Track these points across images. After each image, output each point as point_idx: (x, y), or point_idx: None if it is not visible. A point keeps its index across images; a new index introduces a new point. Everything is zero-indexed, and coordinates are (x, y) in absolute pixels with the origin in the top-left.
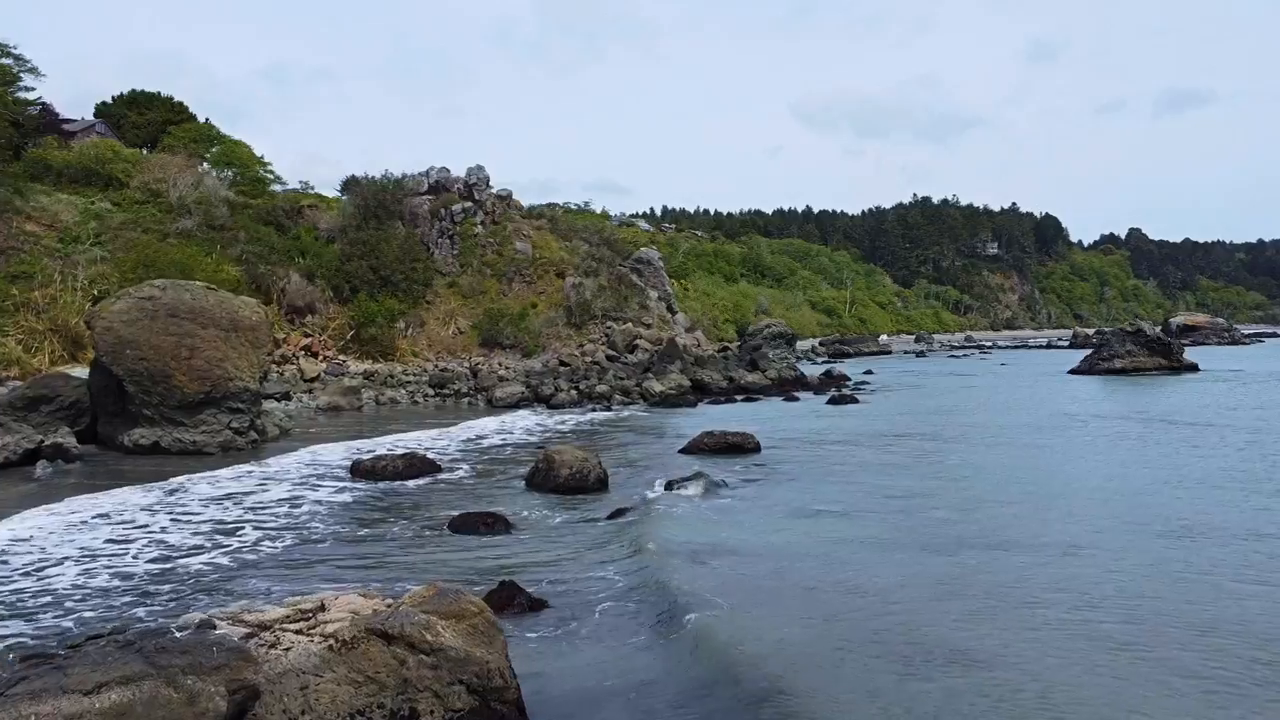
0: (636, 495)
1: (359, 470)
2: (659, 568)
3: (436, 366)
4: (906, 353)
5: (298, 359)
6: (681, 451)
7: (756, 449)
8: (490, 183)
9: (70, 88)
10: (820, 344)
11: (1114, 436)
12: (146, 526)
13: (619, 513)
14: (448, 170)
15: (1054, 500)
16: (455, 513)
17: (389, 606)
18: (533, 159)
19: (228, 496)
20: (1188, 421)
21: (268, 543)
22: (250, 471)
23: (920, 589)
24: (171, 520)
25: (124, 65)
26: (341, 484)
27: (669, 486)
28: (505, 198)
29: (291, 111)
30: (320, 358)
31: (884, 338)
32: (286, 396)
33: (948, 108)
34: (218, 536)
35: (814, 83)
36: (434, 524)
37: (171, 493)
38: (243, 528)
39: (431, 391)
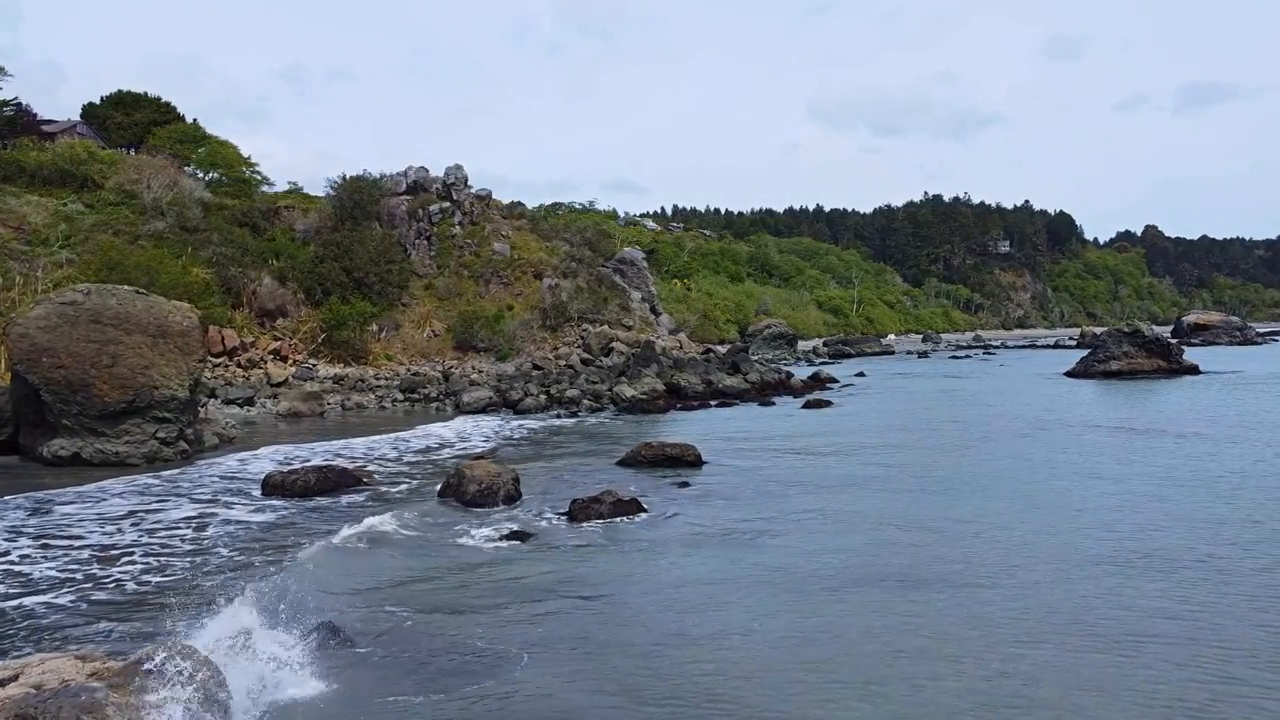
0: (539, 515)
1: (269, 485)
2: (484, 612)
3: (409, 370)
4: (909, 353)
5: (265, 363)
6: (619, 464)
7: (696, 462)
8: (469, 182)
9: (88, 91)
10: (824, 344)
11: (1079, 448)
12: (5, 555)
13: (513, 535)
14: (426, 170)
15: (984, 525)
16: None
17: (92, 675)
18: (551, 158)
19: (127, 516)
20: (1163, 430)
21: (147, 576)
22: (150, 486)
23: (770, 635)
24: (41, 547)
25: (142, 69)
26: (253, 501)
27: (572, 507)
28: (484, 198)
29: (310, 112)
30: (290, 361)
31: (891, 337)
32: (250, 402)
33: (966, 105)
34: (94, 566)
35: (831, 81)
36: (328, 547)
37: (35, 512)
38: (131, 554)
39: (401, 396)
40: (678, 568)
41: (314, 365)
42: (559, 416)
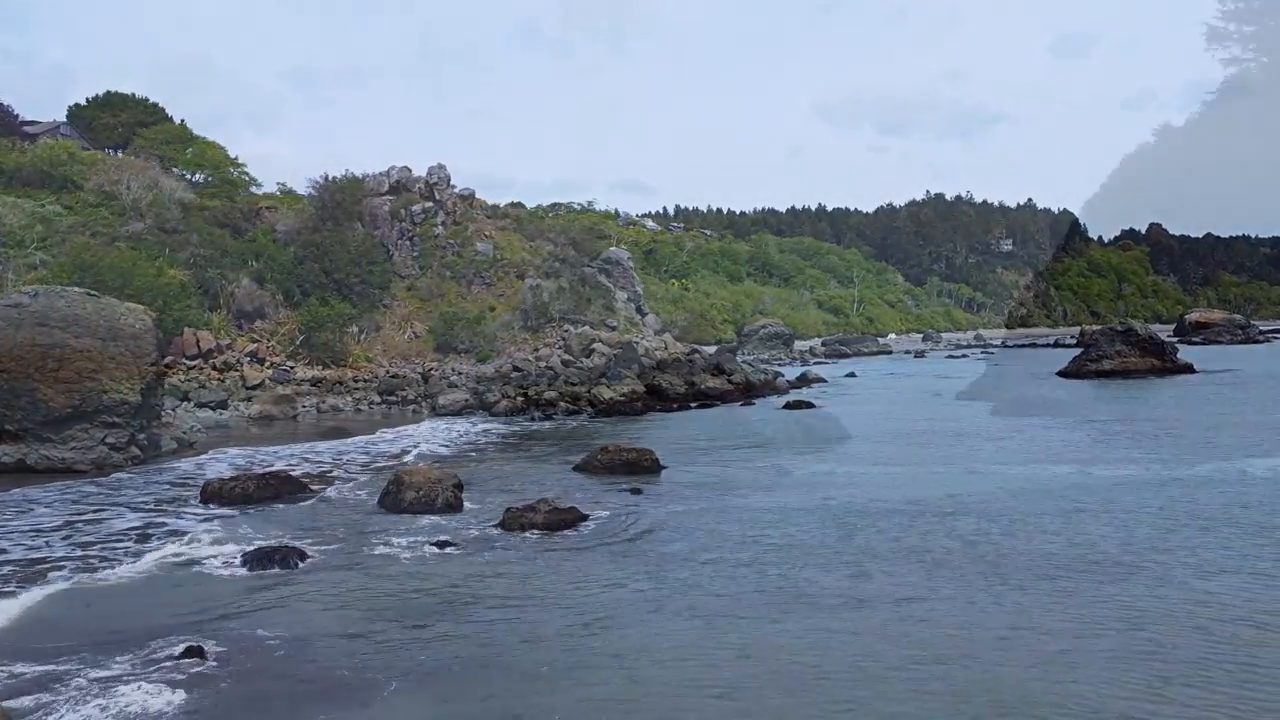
0: (472, 524)
1: (208, 493)
2: (368, 633)
3: (388, 372)
4: (906, 353)
5: (241, 365)
6: (575, 469)
7: (653, 468)
8: (452, 181)
9: (95, 94)
10: (822, 344)
11: (1049, 451)
12: None
13: (435, 546)
14: (409, 169)
15: (933, 537)
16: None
17: None
18: (557, 158)
19: (62, 526)
20: (1140, 432)
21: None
22: (88, 495)
23: (675, 659)
24: None
25: (150, 71)
26: (192, 510)
27: (505, 516)
28: (467, 197)
29: (317, 114)
30: (267, 364)
31: (891, 336)
32: (223, 405)
33: (973, 103)
34: (13, 585)
35: (837, 79)
36: (234, 562)
37: None
38: (61, 569)
39: (378, 398)
40: (596, 585)
41: (291, 367)
42: (533, 419)
